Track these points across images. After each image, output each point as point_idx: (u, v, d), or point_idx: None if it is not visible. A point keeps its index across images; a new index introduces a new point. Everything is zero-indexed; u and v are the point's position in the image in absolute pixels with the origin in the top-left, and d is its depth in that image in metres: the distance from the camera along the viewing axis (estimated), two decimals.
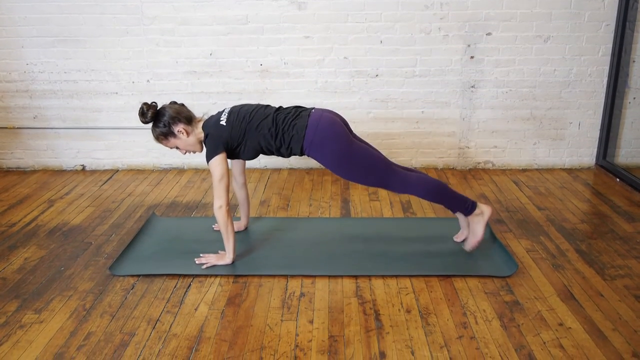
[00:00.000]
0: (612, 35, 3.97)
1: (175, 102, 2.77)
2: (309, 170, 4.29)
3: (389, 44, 4.02)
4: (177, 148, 2.76)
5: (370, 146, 2.79)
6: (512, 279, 2.61)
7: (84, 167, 4.39)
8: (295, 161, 4.32)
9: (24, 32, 4.05)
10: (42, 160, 4.38)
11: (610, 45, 4.00)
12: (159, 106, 2.72)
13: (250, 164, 4.32)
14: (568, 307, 2.39)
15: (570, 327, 2.24)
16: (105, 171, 4.34)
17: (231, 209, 3.53)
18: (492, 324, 2.27)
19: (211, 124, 2.70)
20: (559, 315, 2.32)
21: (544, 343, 2.14)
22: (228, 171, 2.66)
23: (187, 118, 2.71)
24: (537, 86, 4.10)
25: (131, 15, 3.98)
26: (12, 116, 4.26)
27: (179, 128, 2.67)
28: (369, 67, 4.07)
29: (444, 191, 2.74)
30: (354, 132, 2.82)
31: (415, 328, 2.25)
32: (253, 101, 4.16)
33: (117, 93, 4.18)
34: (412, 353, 2.10)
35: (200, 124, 2.74)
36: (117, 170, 4.35)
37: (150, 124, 2.70)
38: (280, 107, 2.76)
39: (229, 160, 2.72)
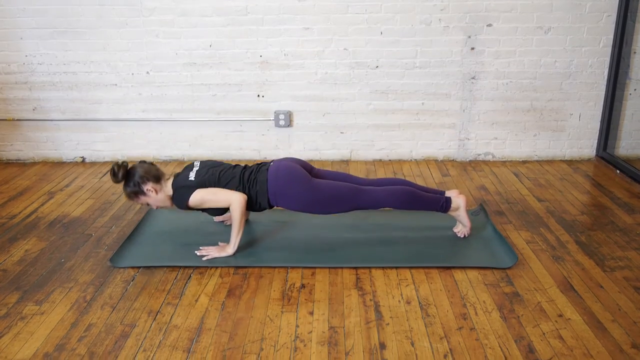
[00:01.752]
0: (613, 26, 3.96)
1: (144, 162, 2.84)
2: (309, 162, 4.29)
3: (389, 35, 4.01)
4: (147, 205, 2.85)
5: (336, 175, 2.90)
6: (512, 271, 2.62)
7: (83, 159, 4.39)
8: (295, 152, 4.31)
9: (23, 24, 4.03)
10: (42, 152, 4.38)
11: (611, 37, 3.98)
12: (130, 165, 2.80)
13: (250, 155, 4.32)
14: (567, 298, 2.39)
15: (569, 319, 2.25)
16: (105, 163, 4.34)
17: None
18: (492, 315, 2.27)
19: (179, 180, 2.78)
20: (558, 307, 2.33)
21: (544, 334, 2.15)
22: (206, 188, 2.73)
23: (156, 177, 2.78)
24: (537, 77, 4.09)
25: (130, 6, 3.96)
26: (12, 108, 4.25)
27: (147, 187, 2.75)
28: (369, 59, 4.06)
29: (415, 197, 2.80)
30: (315, 169, 2.91)
31: (415, 319, 2.26)
32: (252, 92, 4.16)
33: (116, 85, 4.17)
34: (412, 344, 2.11)
35: (170, 182, 2.81)
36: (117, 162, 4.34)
37: (122, 184, 2.80)
38: (246, 166, 2.87)
39: None
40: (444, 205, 2.83)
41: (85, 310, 2.35)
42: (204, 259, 2.73)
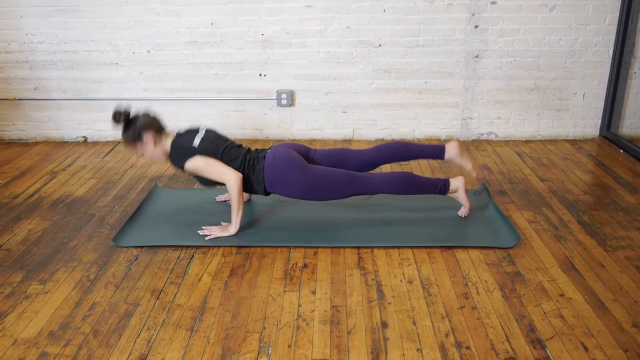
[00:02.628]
0: (619, 4, 3.91)
1: (148, 113, 2.81)
2: (311, 142, 4.28)
3: (392, 13, 3.96)
4: (141, 154, 2.83)
5: (333, 153, 2.89)
6: (514, 250, 2.62)
7: (85, 138, 4.39)
8: (297, 132, 4.30)
9: (23, 2, 3.99)
10: (43, 131, 4.38)
11: (616, 14, 3.94)
12: (133, 113, 2.78)
13: (252, 134, 4.31)
14: (569, 277, 2.40)
15: (571, 298, 2.26)
16: (107, 143, 4.33)
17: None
18: (494, 295, 2.28)
19: (182, 141, 2.76)
20: (560, 286, 2.34)
21: (545, 313, 2.16)
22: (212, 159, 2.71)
23: (158, 129, 2.77)
24: (541, 56, 4.05)
25: None
26: (13, 87, 4.24)
27: (148, 137, 2.73)
28: (372, 37, 4.02)
29: (413, 182, 2.80)
30: (312, 151, 2.89)
31: (417, 299, 2.27)
32: (254, 71, 4.13)
33: (117, 64, 4.15)
34: (414, 323, 2.12)
35: (170, 139, 2.79)
36: (119, 142, 4.34)
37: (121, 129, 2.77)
38: (249, 149, 2.85)
39: None
40: (442, 188, 2.83)
41: (89, 289, 2.37)
42: (207, 238, 2.74)
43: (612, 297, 2.26)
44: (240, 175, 2.69)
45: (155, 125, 2.77)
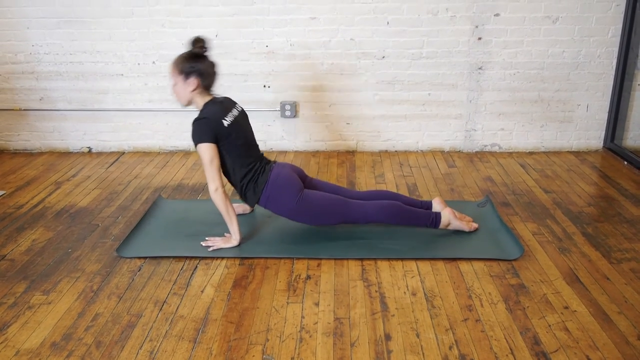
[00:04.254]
0: (622, 16, 3.92)
1: (214, 64, 2.74)
2: (315, 153, 4.29)
3: (395, 25, 3.98)
4: (173, 85, 2.74)
5: (327, 186, 2.93)
6: (518, 262, 2.61)
7: (90, 149, 4.40)
8: (301, 143, 4.31)
9: (30, 13, 4.03)
10: (48, 142, 4.39)
11: (620, 26, 3.95)
12: (207, 52, 2.72)
13: None
14: (574, 290, 2.39)
15: (575, 310, 2.24)
16: (111, 153, 4.35)
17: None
18: (498, 307, 2.27)
19: (213, 112, 2.68)
20: (564, 299, 2.32)
21: (549, 326, 2.15)
22: (217, 154, 2.67)
23: (208, 81, 2.71)
24: (545, 68, 4.06)
25: None
26: (19, 98, 4.26)
27: (193, 79, 2.67)
28: (376, 49, 4.04)
29: (404, 212, 2.82)
30: (309, 178, 2.94)
31: (420, 311, 2.26)
32: (258, 83, 4.15)
33: (122, 75, 4.17)
34: (418, 335, 2.11)
35: (206, 99, 2.73)
36: (124, 153, 4.35)
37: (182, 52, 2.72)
38: (262, 158, 2.86)
39: None
40: (434, 220, 2.85)
41: (92, 300, 2.36)
42: (210, 249, 2.74)
43: (617, 310, 2.24)
44: (221, 192, 2.65)
45: (209, 77, 2.69)
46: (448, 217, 2.86)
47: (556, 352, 2.00)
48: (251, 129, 2.89)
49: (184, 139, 4.34)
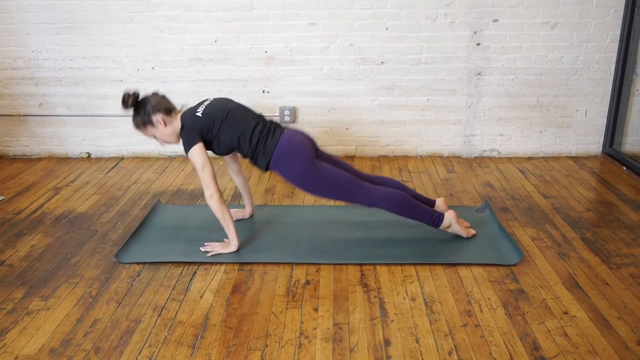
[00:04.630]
0: (620, 21, 3.93)
1: (157, 93, 2.78)
2: None
3: (394, 31, 3.99)
4: (154, 137, 2.78)
5: (339, 162, 2.88)
6: (517, 268, 2.61)
7: (89, 154, 4.40)
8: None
9: (29, 19, 4.04)
10: (47, 147, 4.39)
11: (618, 32, 3.96)
12: (141, 95, 2.75)
13: None
14: (573, 295, 2.38)
15: (575, 316, 2.24)
16: (110, 159, 4.35)
17: (235, 196, 3.54)
18: (497, 312, 2.27)
19: (187, 114, 2.73)
20: (563, 304, 2.32)
21: (549, 331, 2.15)
22: (209, 159, 2.68)
23: (167, 109, 2.72)
24: (543, 73, 4.07)
25: (136, 1, 3.96)
26: (18, 103, 4.27)
27: (157, 118, 2.69)
28: (375, 54, 4.05)
29: (410, 205, 2.78)
30: (320, 150, 2.88)
31: (420, 316, 2.26)
32: (258, 88, 4.15)
33: (122, 80, 4.17)
34: (417, 341, 2.10)
35: (179, 116, 2.75)
36: (123, 158, 4.35)
37: (131, 112, 2.74)
38: (261, 115, 2.82)
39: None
40: (437, 220, 2.82)
41: (91, 305, 2.36)
42: (209, 254, 2.73)
43: (616, 315, 2.24)
44: (216, 197, 2.65)
45: (164, 105, 2.72)
46: (450, 219, 2.85)
47: (555, 358, 2.00)
48: (237, 103, 2.83)
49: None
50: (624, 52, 3.95)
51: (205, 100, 2.82)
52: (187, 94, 4.18)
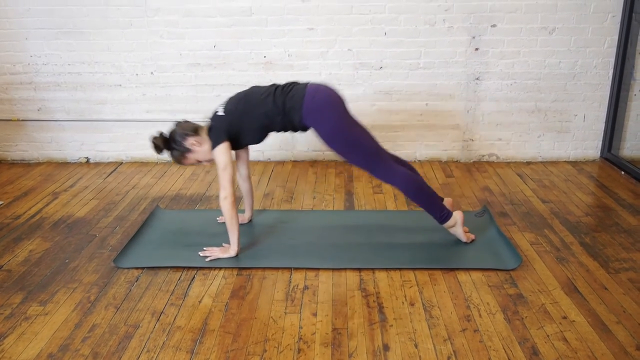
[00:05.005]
0: (618, 26, 3.95)
1: (178, 122, 2.81)
2: (312, 163, 4.29)
3: (393, 36, 4.00)
4: (198, 162, 2.80)
5: (366, 130, 2.81)
6: (516, 272, 2.61)
7: (88, 159, 4.40)
8: (299, 153, 4.31)
9: (28, 24, 4.04)
10: (46, 152, 4.39)
11: (616, 37, 3.97)
12: (166, 133, 2.79)
13: (254, 156, 4.32)
14: (572, 300, 2.38)
15: (574, 320, 2.24)
16: (109, 163, 4.35)
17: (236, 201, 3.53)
18: (496, 317, 2.27)
19: (211, 118, 2.76)
20: (562, 309, 2.32)
21: (548, 336, 2.14)
22: (231, 161, 2.69)
23: (194, 130, 2.75)
24: (542, 78, 4.08)
25: (135, 7, 3.97)
26: (17, 108, 4.27)
27: (190, 142, 2.72)
28: (373, 59, 4.06)
29: (424, 193, 2.77)
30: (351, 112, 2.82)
31: (418, 321, 2.25)
32: None
33: (120, 85, 4.18)
34: (416, 346, 2.10)
35: (205, 130, 2.77)
36: (121, 163, 4.35)
37: (168, 153, 2.77)
38: (275, 84, 2.78)
39: (232, 153, 2.74)
40: (445, 216, 2.81)
41: (89, 310, 2.36)
42: (208, 259, 2.73)
43: (615, 320, 2.24)
44: (230, 200, 2.65)
45: (190, 127, 2.74)
46: (457, 219, 2.84)
47: None
48: (249, 88, 2.81)
49: None
50: (622, 57, 3.97)
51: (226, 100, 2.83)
52: (185, 99, 4.19)
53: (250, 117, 2.69)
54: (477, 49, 4.02)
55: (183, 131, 2.72)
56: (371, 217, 3.25)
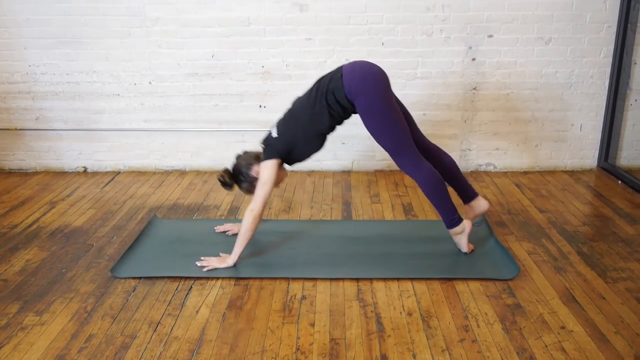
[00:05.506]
0: (613, 37, 3.97)
1: (238, 155, 2.89)
2: (310, 173, 4.29)
3: (390, 46, 4.02)
4: (274, 185, 2.82)
5: (406, 111, 2.82)
6: (514, 282, 2.61)
7: (85, 168, 4.40)
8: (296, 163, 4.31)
9: (27, 34, 4.05)
10: (44, 161, 4.39)
11: (611, 47, 4.00)
12: (230, 167, 2.88)
13: None
14: (570, 310, 2.38)
15: (572, 330, 2.24)
16: (107, 173, 4.34)
17: (232, 211, 3.53)
18: (494, 327, 2.26)
19: (265, 138, 2.81)
20: (560, 319, 2.32)
21: (546, 346, 2.14)
22: (274, 181, 2.72)
23: (256, 158, 2.81)
24: (538, 88, 4.10)
25: (134, 17, 3.99)
26: (15, 117, 4.27)
27: (255, 170, 2.78)
28: None
29: (440, 193, 2.74)
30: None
31: (416, 331, 2.25)
32: (254, 103, 4.17)
33: (119, 95, 4.18)
34: (414, 356, 2.10)
35: (257, 157, 2.84)
36: (119, 172, 4.35)
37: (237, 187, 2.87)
38: (319, 80, 2.76)
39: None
40: (454, 221, 2.79)
41: (86, 320, 2.34)
42: (205, 269, 2.73)
43: (613, 330, 2.24)
44: (256, 215, 2.67)
45: (251, 156, 2.81)
46: (465, 228, 2.81)
47: None
48: (297, 100, 2.83)
49: (179, 158, 4.34)
50: (618, 67, 3.99)
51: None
52: (184, 109, 4.19)
53: (302, 128, 2.73)
54: (474, 59, 4.04)
55: (246, 162, 2.80)
56: (369, 227, 3.25)
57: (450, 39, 3.99)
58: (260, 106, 4.19)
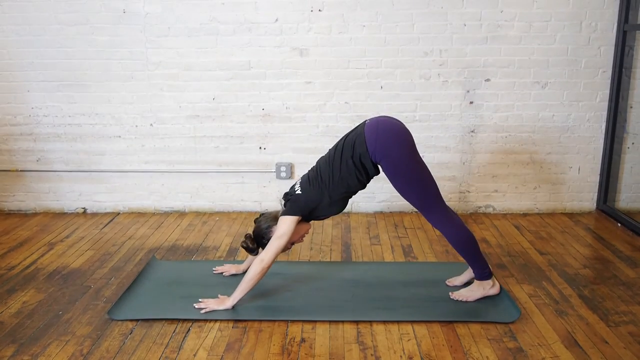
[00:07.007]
0: (609, 81, 4.04)
1: (257, 218, 2.89)
2: None
3: (389, 90, 4.08)
4: (292, 244, 2.83)
5: (428, 170, 2.82)
6: (515, 325, 2.58)
7: (85, 210, 4.40)
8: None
9: (31, 77, 4.12)
10: (43, 202, 4.39)
11: (607, 92, 4.06)
12: (251, 232, 2.88)
13: (251, 207, 4.32)
14: (572, 354, 2.35)
15: None
16: (106, 214, 4.34)
17: (230, 252, 3.51)
18: None
19: (289, 193, 2.79)
20: None
21: None
22: (290, 235, 2.69)
23: (274, 219, 2.79)
24: (536, 131, 4.14)
25: (136, 60, 4.06)
26: (16, 159, 4.29)
27: (273, 231, 2.76)
28: (370, 112, 4.11)
29: (474, 248, 2.76)
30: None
31: None
32: (254, 145, 4.20)
33: (120, 136, 4.22)
34: None
35: (276, 216, 2.82)
36: (118, 213, 4.35)
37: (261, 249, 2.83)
38: (344, 138, 2.75)
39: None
40: (487, 274, 2.79)
41: None
42: (203, 311, 2.70)
43: None
44: (265, 266, 2.65)
45: (270, 217, 2.80)
46: (493, 284, 2.81)
47: None
48: (322, 159, 2.80)
49: (179, 199, 4.35)
50: (614, 111, 4.04)
51: (297, 180, 2.85)
52: (184, 150, 4.23)
53: (328, 191, 2.69)
54: (471, 103, 4.09)
55: (267, 224, 2.79)
56: (369, 269, 3.23)
57: (448, 82, 4.06)
58: (260, 148, 4.22)
